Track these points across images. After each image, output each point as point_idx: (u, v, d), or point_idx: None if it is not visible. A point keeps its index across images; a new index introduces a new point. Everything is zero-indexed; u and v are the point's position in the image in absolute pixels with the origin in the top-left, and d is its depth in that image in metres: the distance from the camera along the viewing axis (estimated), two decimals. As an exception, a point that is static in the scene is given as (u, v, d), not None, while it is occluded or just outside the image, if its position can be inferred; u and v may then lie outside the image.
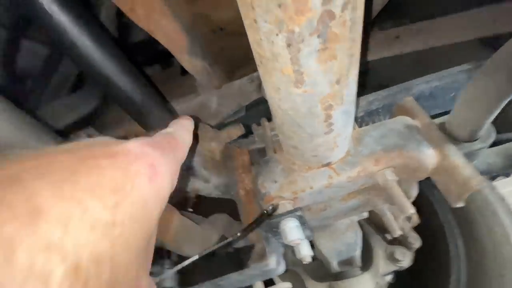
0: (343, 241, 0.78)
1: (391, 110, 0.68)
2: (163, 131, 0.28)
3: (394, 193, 0.48)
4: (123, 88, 0.44)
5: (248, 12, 0.29)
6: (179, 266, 0.54)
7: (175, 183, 0.23)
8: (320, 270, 0.90)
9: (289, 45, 0.29)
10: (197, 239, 0.59)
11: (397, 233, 0.61)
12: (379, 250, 0.93)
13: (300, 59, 0.31)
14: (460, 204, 0.49)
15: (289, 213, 0.51)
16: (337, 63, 0.32)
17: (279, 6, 0.26)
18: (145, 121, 0.49)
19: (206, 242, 0.64)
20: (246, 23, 0.31)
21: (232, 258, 0.91)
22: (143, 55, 1.04)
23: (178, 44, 0.57)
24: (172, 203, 0.77)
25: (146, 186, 0.18)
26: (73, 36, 0.40)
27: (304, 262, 0.60)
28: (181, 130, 0.29)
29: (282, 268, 0.57)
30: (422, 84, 0.66)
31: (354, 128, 0.59)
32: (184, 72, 0.86)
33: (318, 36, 0.28)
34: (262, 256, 0.57)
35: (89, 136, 0.83)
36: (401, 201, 0.47)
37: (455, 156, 0.48)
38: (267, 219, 0.51)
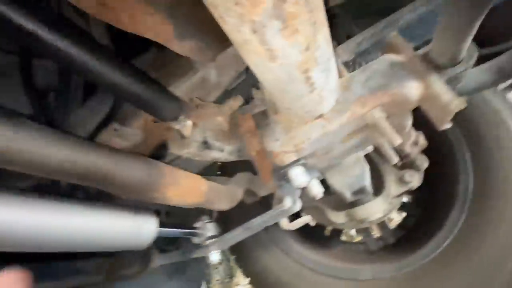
0: (352, 174, 0.88)
1: (381, 47, 0.69)
2: None
3: (381, 127, 0.54)
4: (128, 89, 0.51)
5: (214, 10, 0.33)
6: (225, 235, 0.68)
7: None
8: (338, 202, 1.02)
9: (254, 32, 0.34)
10: (225, 196, 0.72)
11: (394, 161, 0.68)
12: (390, 176, 1.03)
13: (267, 40, 0.35)
14: (445, 127, 0.55)
15: (294, 163, 0.60)
16: (301, 35, 0.36)
17: (236, 4, 0.30)
18: (156, 112, 0.57)
19: (233, 197, 0.77)
20: (215, 16, 0.36)
21: (263, 204, 1.07)
22: (139, 42, 1.07)
23: (166, 33, 0.61)
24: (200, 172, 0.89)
25: None
26: (74, 55, 0.47)
27: (317, 199, 0.71)
28: None
29: (298, 206, 0.69)
30: (409, 14, 0.65)
31: (341, 76, 0.63)
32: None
33: (277, 19, 0.33)
34: (281, 199, 0.68)
35: (115, 130, 0.94)
36: (388, 133, 0.54)
37: (436, 84, 0.52)
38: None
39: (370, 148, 0.89)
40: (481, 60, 0.70)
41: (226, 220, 1.46)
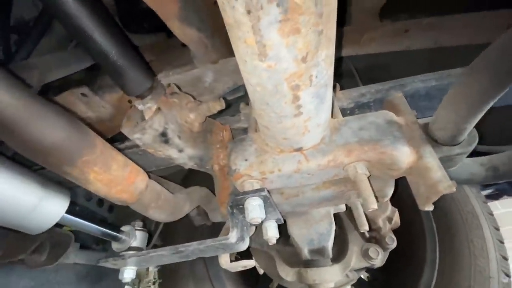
0: (316, 230, 0.79)
1: (382, 105, 0.66)
2: None
3: (361, 186, 0.47)
4: (98, 40, 0.43)
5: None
6: (149, 252, 0.54)
7: None
8: (293, 256, 0.91)
9: (248, 12, 0.28)
10: (166, 205, 0.61)
11: (364, 228, 0.60)
12: (355, 246, 0.94)
13: (261, 29, 0.29)
14: (428, 208, 0.48)
15: (254, 192, 0.52)
16: (301, 39, 0.30)
17: (236, -34, 0.25)
18: (122, 82, 0.49)
19: (177, 210, 0.66)
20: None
21: (214, 230, 0.93)
22: (149, 22, 1.03)
23: (168, 8, 0.56)
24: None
25: None
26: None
27: (270, 243, 0.61)
28: None
29: (244, 245, 0.58)
30: (418, 83, 0.63)
31: (334, 117, 0.58)
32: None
33: (278, 5, 0.27)
34: (228, 230, 0.58)
35: (83, 95, 0.84)
36: (366, 194, 0.47)
37: (430, 158, 0.47)
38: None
39: (342, 208, 0.81)
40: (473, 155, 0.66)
41: (170, 235, 1.29)
